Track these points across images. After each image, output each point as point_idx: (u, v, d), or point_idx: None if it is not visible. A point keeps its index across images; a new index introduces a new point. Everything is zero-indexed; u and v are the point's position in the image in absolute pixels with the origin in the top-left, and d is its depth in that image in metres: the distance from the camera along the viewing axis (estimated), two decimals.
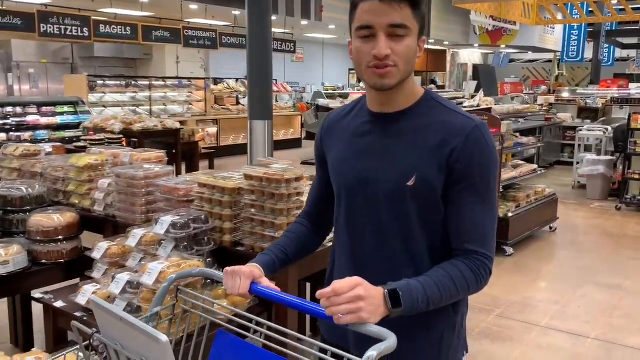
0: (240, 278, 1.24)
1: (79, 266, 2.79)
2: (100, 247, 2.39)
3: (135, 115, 8.22)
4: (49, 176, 3.04)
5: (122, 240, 2.43)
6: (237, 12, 11.35)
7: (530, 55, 23.95)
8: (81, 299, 2.15)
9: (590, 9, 11.59)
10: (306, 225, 1.51)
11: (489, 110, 5.63)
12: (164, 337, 0.93)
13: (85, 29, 9.27)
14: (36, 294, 2.37)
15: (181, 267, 1.92)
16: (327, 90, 15.53)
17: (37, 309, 3.38)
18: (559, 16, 11.47)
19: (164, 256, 2.10)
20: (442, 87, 19.32)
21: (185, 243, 2.21)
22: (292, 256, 1.44)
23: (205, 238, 2.27)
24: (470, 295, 1.31)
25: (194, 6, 10.53)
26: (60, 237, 2.68)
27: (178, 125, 7.82)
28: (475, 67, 14.48)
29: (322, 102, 7.36)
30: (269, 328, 1.16)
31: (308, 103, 13.86)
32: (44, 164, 3.11)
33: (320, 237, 1.54)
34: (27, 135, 9.08)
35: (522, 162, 6.28)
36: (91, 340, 1.10)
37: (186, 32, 10.84)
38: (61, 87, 13.04)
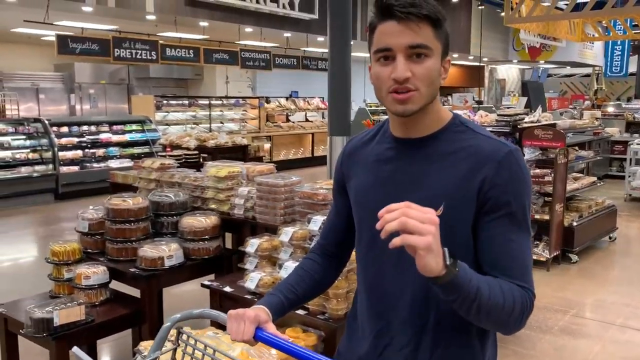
0: (244, 322, 1.16)
1: (220, 262, 3.25)
2: (252, 243, 2.82)
3: (209, 132, 8.77)
4: (187, 185, 3.51)
5: (269, 238, 2.85)
6: (288, 35, 11.92)
7: (568, 70, 24.03)
8: (250, 284, 2.57)
9: (634, 23, 11.79)
10: (318, 260, 1.42)
11: (553, 125, 5.95)
12: None
13: (153, 53, 9.92)
14: (204, 282, 2.81)
15: None
16: (370, 106, 15.97)
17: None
18: (604, 32, 11.71)
19: None
20: (480, 102, 19.57)
21: None
22: (302, 296, 1.35)
23: None
24: (507, 328, 1.13)
25: (249, 29, 11.12)
26: (207, 237, 3.14)
27: (246, 142, 8.34)
28: (524, 83, 14.73)
29: (385, 117, 7.73)
30: None
31: (373, 120, 14.32)
32: (182, 175, 3.58)
33: (335, 272, 1.44)
34: (100, 152, 9.75)
35: (581, 175, 6.56)
36: None
37: (243, 54, 11.44)
38: (118, 106, 13.80)
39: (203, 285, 2.77)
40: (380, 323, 1.26)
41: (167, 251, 2.94)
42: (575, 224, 5.64)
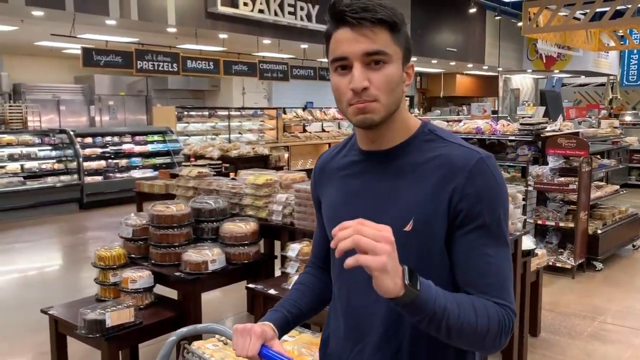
0: (250, 338, 1.12)
1: (258, 267, 3.34)
2: (293, 248, 2.91)
3: (230, 143, 8.91)
4: (225, 193, 3.61)
5: (309, 243, 2.94)
6: (305, 46, 12.08)
7: (582, 79, 23.99)
8: None
9: None
10: (315, 273, 1.38)
11: (576, 134, 6.00)
12: None
13: (174, 65, 10.10)
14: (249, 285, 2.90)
15: None
16: None
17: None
18: (620, 41, 11.74)
19: None
20: (495, 112, 19.61)
21: None
22: (306, 310, 1.31)
23: None
24: (484, 348, 1.08)
25: (267, 41, 11.29)
26: (246, 242, 3.23)
27: (267, 152, 8.46)
28: (542, 92, 14.76)
29: None
30: None
31: None
32: (219, 183, 3.69)
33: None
34: (123, 162, 9.91)
35: (603, 183, 6.60)
36: None
37: (261, 66, 11.60)
38: (137, 117, 14.01)
39: (247, 289, 2.86)
40: (357, 347, 1.19)
41: (211, 255, 3.04)
42: (599, 231, 5.67)
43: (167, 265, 3.15)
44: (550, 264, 5.43)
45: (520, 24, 11.14)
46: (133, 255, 3.30)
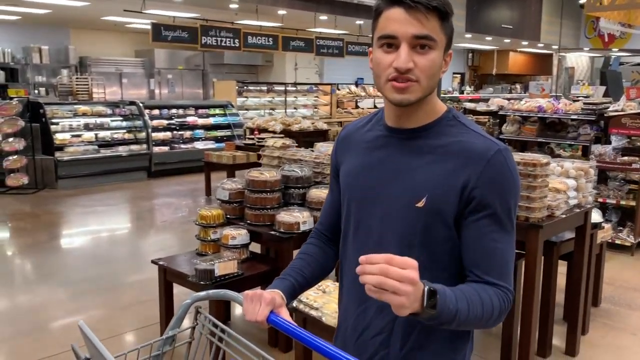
0: (260, 304, 1.17)
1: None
2: None
3: (292, 117, 9.24)
4: (308, 163, 3.93)
5: None
6: (360, 22, 12.21)
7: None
8: None
9: None
10: (318, 244, 1.44)
11: None
12: None
13: (236, 40, 10.45)
14: None
15: None
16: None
17: None
18: None
19: None
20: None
21: None
22: (310, 279, 1.37)
23: None
24: (487, 327, 1.18)
25: (323, 17, 11.49)
26: None
27: (326, 127, 8.75)
28: (602, 72, 14.46)
29: (468, 105, 7.93)
30: None
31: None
32: (303, 153, 4.00)
33: (335, 255, 1.44)
34: (187, 134, 10.37)
35: None
36: None
37: (317, 42, 11.83)
38: (194, 91, 14.48)
39: None
40: (360, 307, 1.28)
41: (301, 217, 3.36)
42: None
43: (261, 225, 3.49)
44: (610, 240, 5.56)
45: (581, 1, 10.95)
46: (229, 216, 3.66)
